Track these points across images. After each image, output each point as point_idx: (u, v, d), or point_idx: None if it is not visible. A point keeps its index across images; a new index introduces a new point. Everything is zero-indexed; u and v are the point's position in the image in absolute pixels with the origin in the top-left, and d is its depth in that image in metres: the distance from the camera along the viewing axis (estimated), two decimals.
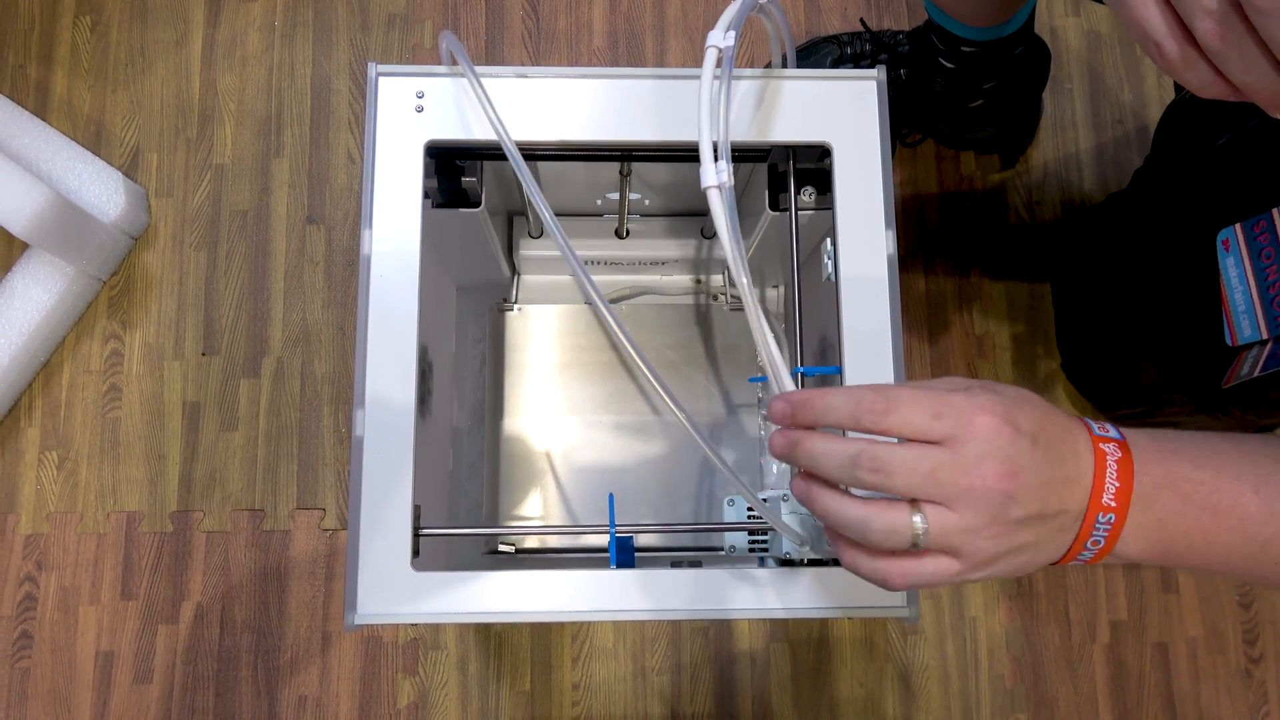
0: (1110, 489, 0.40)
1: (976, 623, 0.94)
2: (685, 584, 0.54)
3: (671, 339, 0.90)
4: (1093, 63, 1.06)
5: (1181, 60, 0.44)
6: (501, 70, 0.58)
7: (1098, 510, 0.40)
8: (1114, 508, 0.40)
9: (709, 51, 0.52)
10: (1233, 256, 0.68)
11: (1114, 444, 0.41)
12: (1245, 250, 0.67)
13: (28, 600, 0.92)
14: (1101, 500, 0.40)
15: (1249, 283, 0.67)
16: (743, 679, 0.93)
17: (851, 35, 0.99)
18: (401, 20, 1.05)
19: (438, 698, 0.91)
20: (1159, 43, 0.44)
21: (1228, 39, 0.41)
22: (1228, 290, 0.68)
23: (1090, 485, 0.40)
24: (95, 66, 1.03)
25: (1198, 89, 0.46)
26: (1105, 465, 0.40)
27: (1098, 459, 0.41)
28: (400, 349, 0.55)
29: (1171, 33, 0.43)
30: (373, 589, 0.53)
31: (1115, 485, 0.40)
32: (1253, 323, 0.66)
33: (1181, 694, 0.94)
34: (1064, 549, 0.41)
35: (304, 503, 0.94)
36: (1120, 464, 0.40)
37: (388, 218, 0.57)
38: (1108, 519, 0.40)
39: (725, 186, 0.49)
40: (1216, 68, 0.44)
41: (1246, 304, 0.67)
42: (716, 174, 0.49)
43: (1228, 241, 0.68)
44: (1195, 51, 0.44)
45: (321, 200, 1.00)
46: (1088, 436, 0.41)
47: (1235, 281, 0.68)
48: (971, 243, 1.02)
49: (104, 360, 0.97)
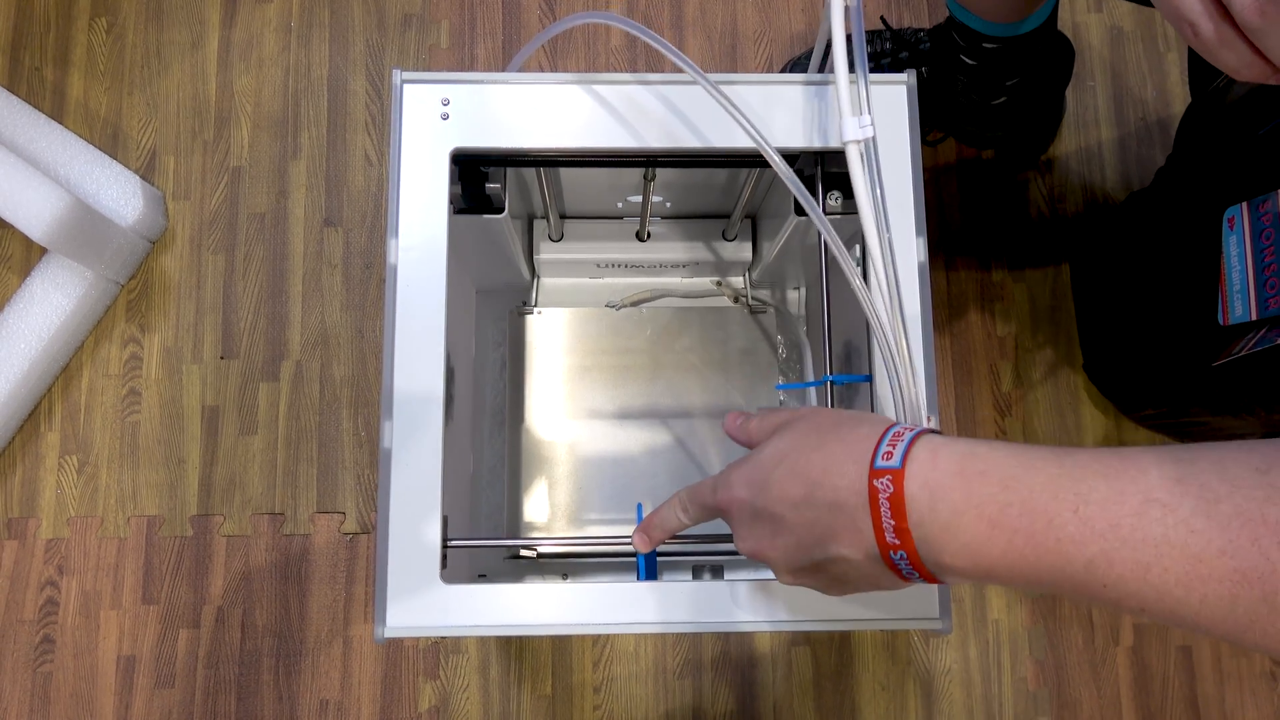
0: (888, 528, 0.39)
1: (999, 625, 0.94)
2: (711, 596, 0.54)
3: (691, 341, 0.90)
4: (1115, 59, 1.05)
5: (1218, 40, 0.43)
6: (525, 76, 0.58)
7: (888, 548, 0.40)
8: (898, 545, 0.39)
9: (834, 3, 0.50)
10: (1235, 235, 0.67)
11: (888, 477, 0.39)
12: (1248, 229, 0.66)
13: (49, 605, 0.92)
14: (885, 539, 0.40)
15: (1247, 262, 0.65)
16: (764, 682, 0.92)
17: (872, 33, 0.98)
18: (418, 21, 1.04)
19: (459, 702, 0.91)
20: (1194, 23, 0.43)
21: (1268, 14, 0.40)
22: (1227, 269, 0.67)
23: (870, 526, 0.40)
24: (111, 69, 1.03)
25: (1234, 70, 0.44)
26: (879, 505, 0.39)
27: (871, 499, 0.40)
28: (428, 360, 0.55)
29: (1207, 11, 0.43)
30: (401, 601, 0.53)
31: (891, 524, 0.39)
32: (1245, 302, 0.65)
33: (1205, 698, 0.93)
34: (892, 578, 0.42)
35: (324, 506, 0.94)
36: (892, 500, 0.39)
37: (413, 226, 0.56)
38: (900, 555, 0.40)
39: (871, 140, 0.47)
40: (1255, 47, 0.43)
41: (1242, 284, 0.66)
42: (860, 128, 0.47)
43: (1233, 220, 0.67)
44: (1233, 30, 0.43)
45: (339, 202, 1.00)
46: (863, 477, 0.40)
47: (1235, 261, 0.67)
48: (993, 242, 1.01)
49: (123, 364, 0.97)
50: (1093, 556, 0.35)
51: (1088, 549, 0.35)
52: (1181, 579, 0.34)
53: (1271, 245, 0.63)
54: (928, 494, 0.39)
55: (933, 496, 0.38)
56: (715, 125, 0.58)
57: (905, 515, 0.39)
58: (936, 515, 0.38)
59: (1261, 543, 0.33)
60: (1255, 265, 0.65)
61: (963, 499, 0.38)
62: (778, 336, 0.90)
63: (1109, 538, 0.35)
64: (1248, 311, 0.65)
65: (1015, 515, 0.37)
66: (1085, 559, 0.36)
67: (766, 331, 0.90)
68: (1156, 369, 0.86)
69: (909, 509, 0.39)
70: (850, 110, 0.47)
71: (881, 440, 0.41)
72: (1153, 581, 0.35)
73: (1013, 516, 0.37)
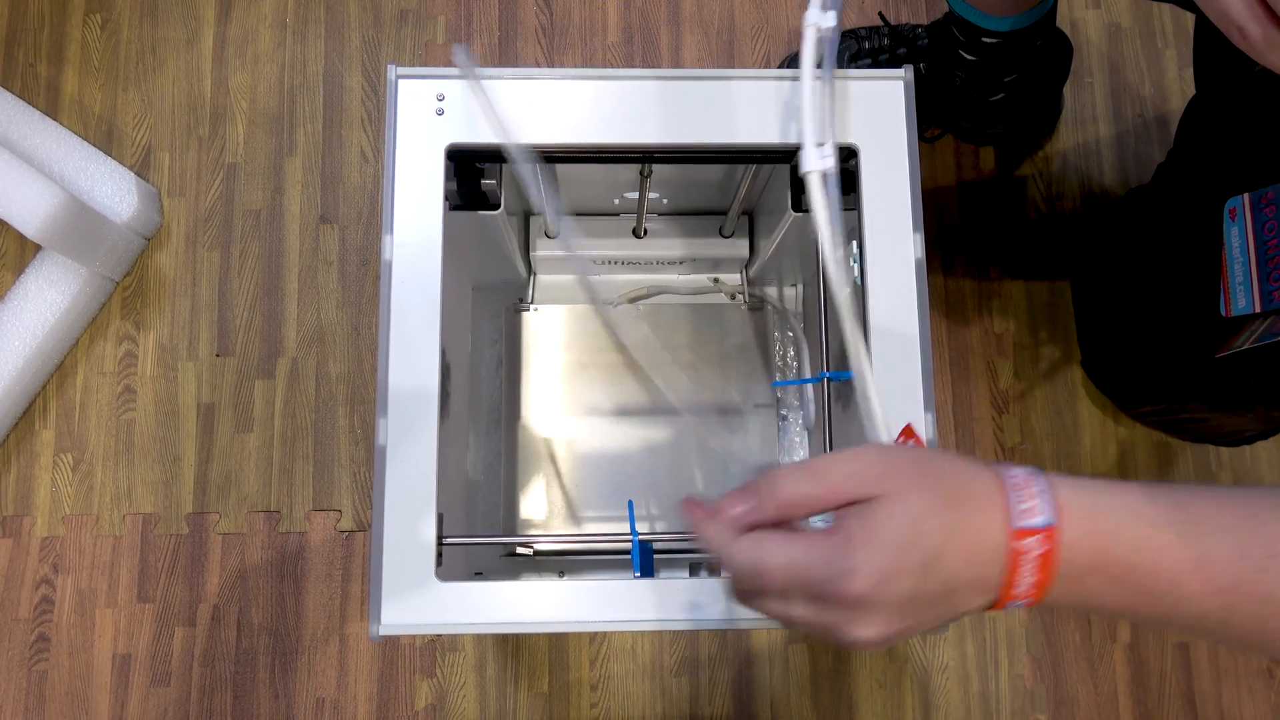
0: (1023, 584, 0.38)
1: (996, 623, 0.93)
2: (708, 593, 0.53)
3: (688, 338, 0.89)
4: (1113, 56, 1.05)
5: (1265, 42, 0.43)
6: (521, 71, 0.58)
7: (1008, 600, 0.39)
8: (1027, 595, 0.39)
9: (808, 31, 0.50)
10: (1237, 226, 0.67)
11: (1038, 537, 0.38)
12: (1250, 220, 0.65)
13: (44, 603, 0.92)
14: (1012, 592, 0.38)
15: (1249, 254, 0.65)
16: (761, 680, 0.92)
17: (869, 29, 0.98)
18: (414, 16, 1.04)
19: (455, 699, 0.91)
20: (1242, 26, 0.44)
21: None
22: (1228, 260, 0.67)
23: (1001, 584, 0.38)
24: (106, 65, 1.02)
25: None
26: (1019, 566, 0.38)
27: (1012, 561, 0.38)
28: (423, 357, 0.55)
29: (1254, 14, 0.43)
30: (396, 600, 0.52)
31: (1030, 579, 0.38)
32: (1248, 295, 0.65)
33: (1203, 694, 0.93)
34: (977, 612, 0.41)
35: (320, 504, 0.94)
36: (1042, 559, 0.38)
37: (409, 223, 0.56)
38: (1019, 604, 0.39)
39: (830, 173, 0.47)
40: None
41: (1245, 275, 0.65)
42: (820, 159, 0.47)
43: (1234, 211, 0.67)
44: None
45: (335, 199, 1.00)
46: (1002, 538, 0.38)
47: (1237, 252, 0.66)
48: (991, 239, 1.01)
49: (118, 362, 0.96)
50: (1211, 610, 0.37)
51: (1207, 603, 0.37)
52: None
53: (1275, 237, 0.63)
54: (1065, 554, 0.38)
55: (1067, 559, 0.38)
56: (711, 121, 0.58)
57: (1052, 573, 0.38)
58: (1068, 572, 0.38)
59: None
60: (1258, 257, 0.64)
61: (1090, 562, 0.38)
62: (774, 333, 0.90)
63: (1230, 594, 0.37)
64: (1251, 303, 0.65)
65: (1140, 576, 0.38)
66: (1201, 612, 0.38)
67: (763, 328, 0.90)
68: (1155, 363, 0.86)
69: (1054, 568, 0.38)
70: (812, 140, 0.47)
71: (1014, 495, 0.39)
72: (1269, 632, 0.37)
73: (1138, 577, 0.38)
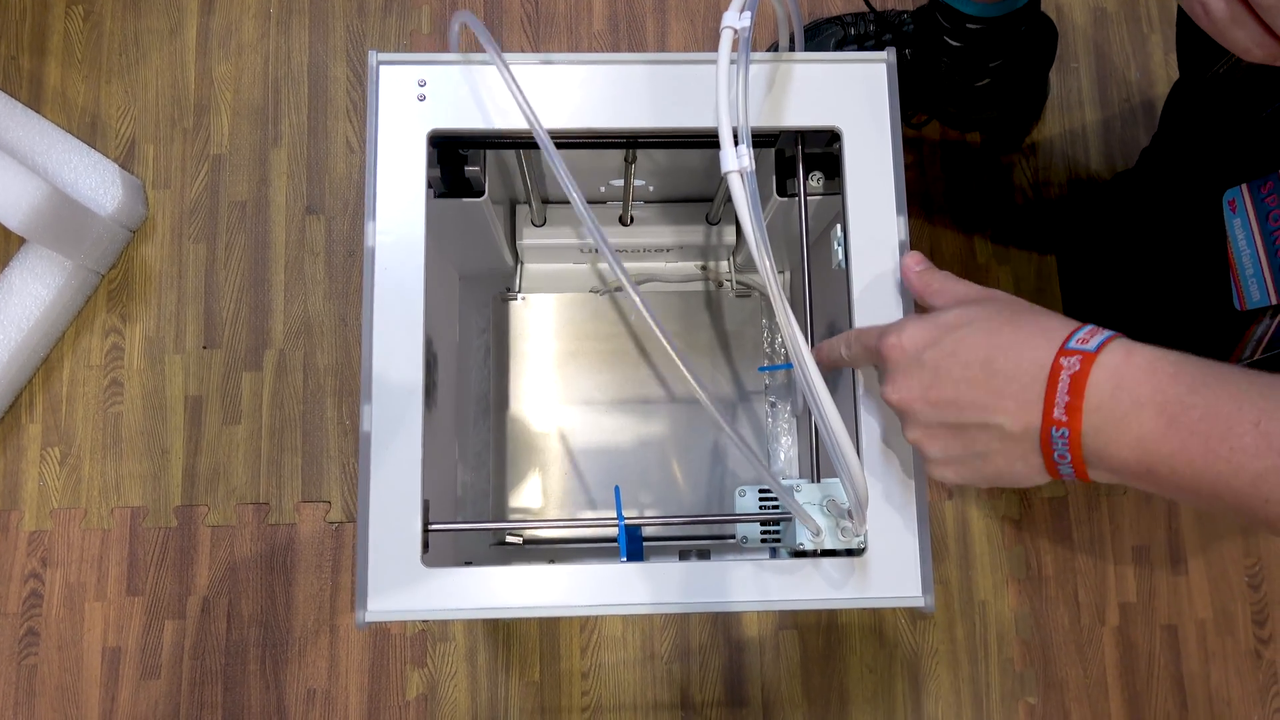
0: (1060, 403, 0.41)
1: (986, 606, 0.94)
2: (697, 576, 0.54)
3: (676, 326, 0.89)
4: (1099, 40, 1.05)
5: (1230, 18, 0.43)
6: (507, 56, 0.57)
7: (1051, 424, 0.41)
8: (1065, 422, 0.41)
9: (724, 32, 0.51)
10: (1239, 218, 0.66)
11: (1078, 357, 0.41)
12: (1252, 211, 0.65)
13: (33, 597, 0.92)
14: (1053, 414, 0.41)
15: (1257, 245, 0.65)
16: (752, 666, 0.92)
17: (855, 16, 0.98)
18: (398, 6, 1.03)
19: (447, 689, 0.91)
20: (1205, 2, 0.44)
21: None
22: (1235, 253, 0.67)
23: (1042, 400, 0.41)
24: (89, 57, 1.02)
25: (1245, 50, 0.44)
26: (1058, 380, 0.41)
27: (1052, 373, 0.41)
28: (407, 342, 0.54)
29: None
30: (383, 586, 0.52)
31: (1066, 399, 0.40)
32: (1261, 287, 0.65)
33: (1191, 676, 0.94)
34: (1034, 465, 0.43)
35: (309, 495, 0.94)
36: (1074, 378, 0.40)
37: (391, 209, 0.56)
38: (1062, 433, 0.41)
39: (747, 171, 0.48)
40: (1267, 25, 0.43)
41: (1255, 267, 0.65)
42: (738, 158, 0.48)
43: (1234, 203, 0.67)
44: (1244, 9, 0.43)
45: (321, 190, 0.99)
46: (1052, 353, 0.42)
47: (1243, 244, 0.66)
48: (978, 224, 1.01)
49: (104, 355, 0.96)
50: (1263, 471, 0.37)
51: (1260, 462, 0.37)
52: None
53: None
54: (1114, 383, 0.40)
55: (1118, 386, 0.40)
56: (695, 106, 0.57)
57: (1082, 394, 0.40)
58: (1117, 403, 0.40)
59: None
60: (1267, 248, 0.64)
61: (1149, 393, 0.39)
62: (763, 320, 0.90)
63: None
64: (1266, 295, 0.64)
65: (1196, 418, 0.38)
66: (1255, 472, 0.37)
67: (752, 315, 0.90)
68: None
69: (1089, 391, 0.40)
70: (729, 140, 0.48)
71: (1079, 330, 0.43)
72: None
73: (1194, 419, 0.38)
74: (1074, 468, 0.42)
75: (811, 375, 0.47)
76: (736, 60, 0.50)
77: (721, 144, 0.48)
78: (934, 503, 0.95)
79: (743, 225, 0.48)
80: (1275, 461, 0.37)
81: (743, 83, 0.49)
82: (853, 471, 0.47)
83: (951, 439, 0.45)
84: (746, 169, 0.48)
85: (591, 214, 0.48)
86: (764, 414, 0.88)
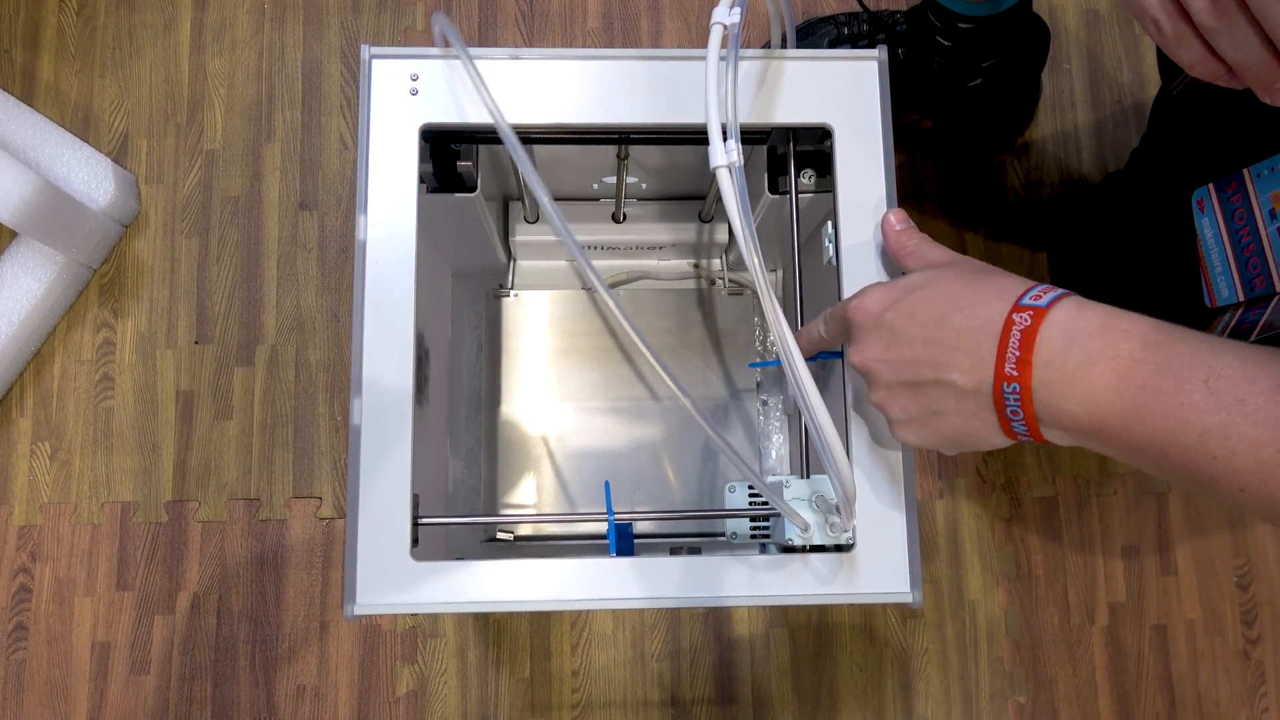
0: (1011, 358, 0.41)
1: (975, 606, 0.94)
2: (686, 571, 0.54)
3: (669, 324, 0.89)
4: (1091, 42, 1.05)
5: (1175, 36, 0.45)
6: (496, 52, 0.57)
7: (1003, 379, 0.41)
8: (1016, 377, 0.41)
9: (714, 29, 0.51)
10: (1208, 217, 0.67)
11: (1029, 312, 0.41)
12: (1219, 211, 0.66)
13: (22, 592, 0.91)
14: (1003, 369, 0.41)
15: (1224, 244, 0.66)
16: (742, 664, 0.92)
17: (849, 15, 0.98)
18: (393, 2, 1.03)
19: (437, 686, 0.91)
20: (1156, 19, 0.45)
21: (1221, 16, 0.42)
22: (1205, 251, 0.68)
23: (994, 355, 0.42)
24: (82, 51, 1.01)
25: (1189, 66, 0.46)
26: (1009, 335, 0.41)
27: (1004, 329, 0.42)
28: (397, 336, 0.54)
29: (1166, 9, 0.44)
30: (372, 579, 0.52)
31: (1016, 354, 0.41)
32: (1229, 284, 0.66)
33: (1180, 675, 0.94)
34: (989, 423, 0.43)
35: (300, 491, 0.94)
36: (1025, 333, 0.41)
37: (383, 203, 0.56)
38: (1013, 388, 0.41)
39: (735, 166, 0.48)
40: (1210, 46, 0.44)
41: (1223, 265, 0.66)
42: (726, 153, 0.48)
43: (1202, 202, 0.68)
44: (1189, 28, 0.44)
45: (314, 185, 0.99)
46: (1005, 310, 0.42)
47: (1212, 243, 0.67)
48: (969, 224, 1.01)
49: (96, 349, 0.96)
50: (1211, 426, 0.37)
51: (1208, 418, 0.37)
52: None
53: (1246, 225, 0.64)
54: (1065, 337, 0.40)
55: (1069, 340, 0.40)
56: (688, 102, 0.58)
57: (1033, 349, 0.40)
58: (1068, 358, 0.40)
59: None
60: (1233, 246, 0.65)
61: (1100, 348, 0.40)
62: (755, 318, 0.90)
63: (1232, 411, 0.37)
64: (1234, 293, 0.65)
65: (1147, 373, 0.39)
66: (1203, 427, 0.37)
67: (744, 313, 0.90)
68: None
69: (1039, 345, 0.40)
70: (718, 136, 0.48)
71: (1034, 287, 0.43)
72: (1263, 459, 0.36)
73: (1144, 374, 0.39)
74: (1027, 426, 0.42)
75: (799, 369, 0.47)
76: (726, 56, 0.50)
77: (710, 139, 0.49)
78: (924, 502, 0.95)
79: (731, 220, 0.48)
80: (1223, 418, 0.37)
81: (732, 78, 0.50)
82: (839, 466, 0.48)
83: (910, 398, 0.46)
84: (735, 164, 0.48)
85: (558, 211, 0.48)
86: (756, 412, 0.88)
